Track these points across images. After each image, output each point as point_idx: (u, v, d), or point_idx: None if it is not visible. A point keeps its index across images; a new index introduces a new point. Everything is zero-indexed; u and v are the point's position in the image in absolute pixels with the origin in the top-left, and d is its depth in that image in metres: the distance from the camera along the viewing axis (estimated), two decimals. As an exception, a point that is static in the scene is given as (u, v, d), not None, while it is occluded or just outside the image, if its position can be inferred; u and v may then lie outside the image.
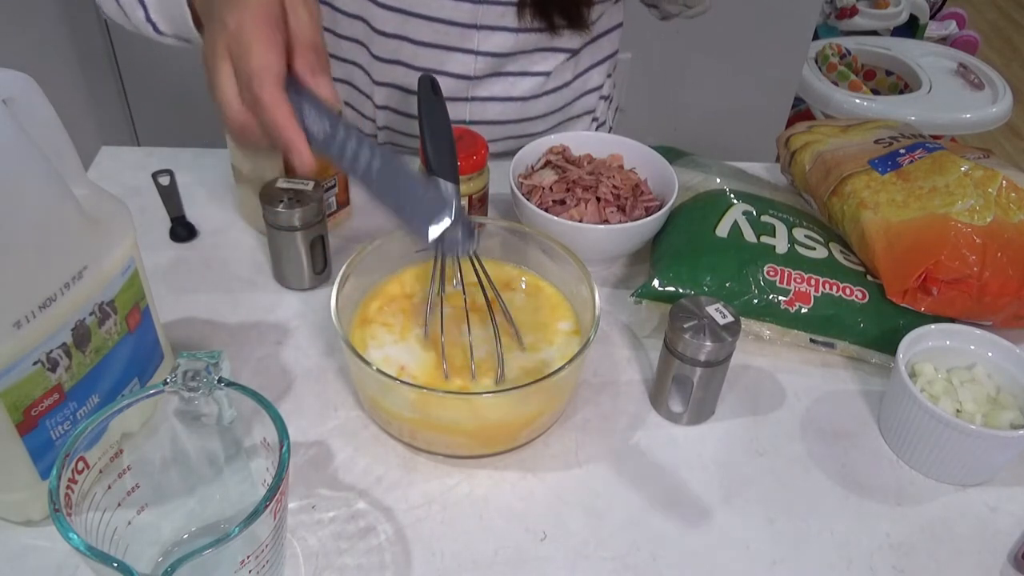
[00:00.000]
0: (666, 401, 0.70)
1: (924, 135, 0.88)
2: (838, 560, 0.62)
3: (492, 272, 0.72)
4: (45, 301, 0.52)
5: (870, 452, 0.70)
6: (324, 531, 0.61)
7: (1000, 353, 0.70)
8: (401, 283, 0.75)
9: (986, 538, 0.64)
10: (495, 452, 0.67)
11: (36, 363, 0.52)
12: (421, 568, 0.59)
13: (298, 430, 0.68)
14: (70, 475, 0.47)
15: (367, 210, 0.91)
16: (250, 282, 0.82)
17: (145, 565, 0.55)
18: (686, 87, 1.64)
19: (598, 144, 0.90)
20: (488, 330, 0.70)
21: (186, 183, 0.90)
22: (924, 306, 0.74)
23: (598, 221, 0.81)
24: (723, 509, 0.64)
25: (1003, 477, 0.68)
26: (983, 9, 3.62)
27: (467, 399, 0.64)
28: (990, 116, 1.99)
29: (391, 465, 0.66)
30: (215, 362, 0.52)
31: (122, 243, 0.58)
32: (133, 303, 0.60)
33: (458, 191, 0.73)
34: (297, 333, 0.76)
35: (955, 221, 0.73)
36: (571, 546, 0.61)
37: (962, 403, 0.68)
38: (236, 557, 0.48)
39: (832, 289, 0.75)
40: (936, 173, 0.78)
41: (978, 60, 2.16)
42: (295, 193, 0.76)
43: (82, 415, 0.57)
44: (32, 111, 0.51)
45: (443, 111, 0.77)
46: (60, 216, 0.52)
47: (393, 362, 0.68)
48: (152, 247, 0.84)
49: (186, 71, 1.68)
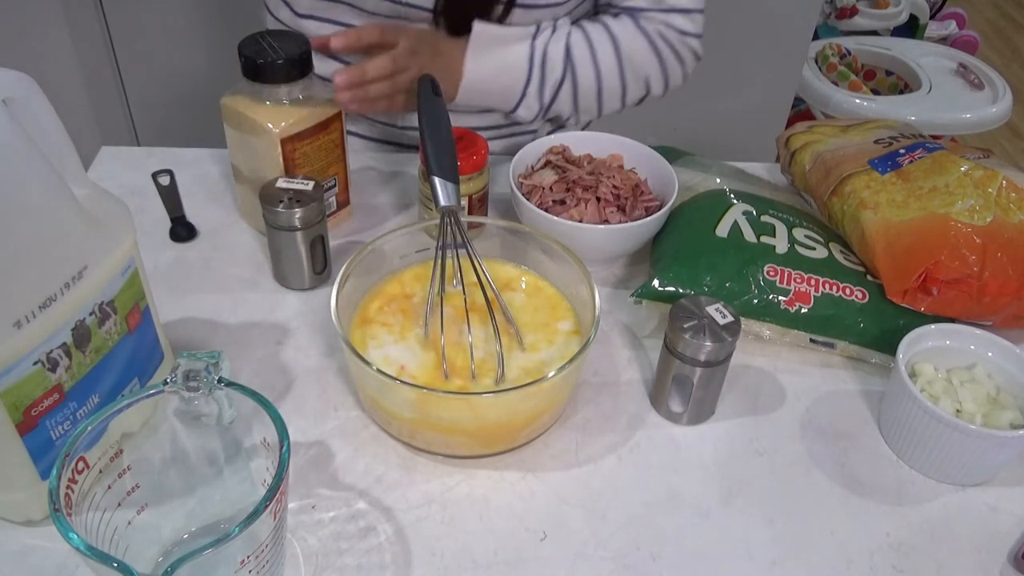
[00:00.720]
0: (666, 401, 0.70)
1: (924, 135, 0.88)
2: (838, 560, 0.62)
3: (492, 272, 0.72)
4: (45, 301, 0.52)
5: (870, 452, 0.70)
6: (324, 531, 0.61)
7: (1000, 353, 0.70)
8: (401, 283, 0.75)
9: (986, 538, 0.64)
10: (495, 452, 0.67)
11: (36, 363, 0.52)
12: (421, 568, 0.59)
13: (298, 430, 0.68)
14: (70, 475, 0.47)
15: (367, 210, 0.91)
16: (250, 282, 0.82)
17: (145, 565, 0.55)
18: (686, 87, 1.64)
19: (598, 144, 0.90)
20: (488, 330, 0.70)
21: (186, 183, 0.90)
22: (924, 306, 0.74)
23: (598, 221, 0.81)
24: (723, 509, 0.64)
25: (1003, 477, 0.68)
26: (983, 9, 3.62)
27: (467, 399, 0.64)
28: (990, 116, 1.99)
29: (391, 465, 0.66)
30: (215, 362, 0.52)
31: (122, 243, 0.58)
32: (133, 303, 0.60)
33: (458, 191, 0.73)
34: (297, 333, 0.76)
35: (955, 221, 0.73)
36: (571, 546, 0.61)
37: (962, 403, 0.68)
38: (236, 557, 0.48)
39: (832, 289, 0.75)
40: (936, 173, 0.78)
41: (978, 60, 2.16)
42: (295, 193, 0.76)
43: (82, 415, 0.57)
44: (32, 111, 0.51)
45: (443, 111, 0.77)
46: (60, 216, 0.52)
47: (393, 362, 0.68)
48: (152, 247, 0.84)
49: (186, 71, 1.69)
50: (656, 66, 0.93)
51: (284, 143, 0.78)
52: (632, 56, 0.91)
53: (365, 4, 0.88)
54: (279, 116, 0.77)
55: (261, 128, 0.77)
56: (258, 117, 0.77)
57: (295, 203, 0.75)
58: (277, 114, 0.78)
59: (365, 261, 0.72)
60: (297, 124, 0.78)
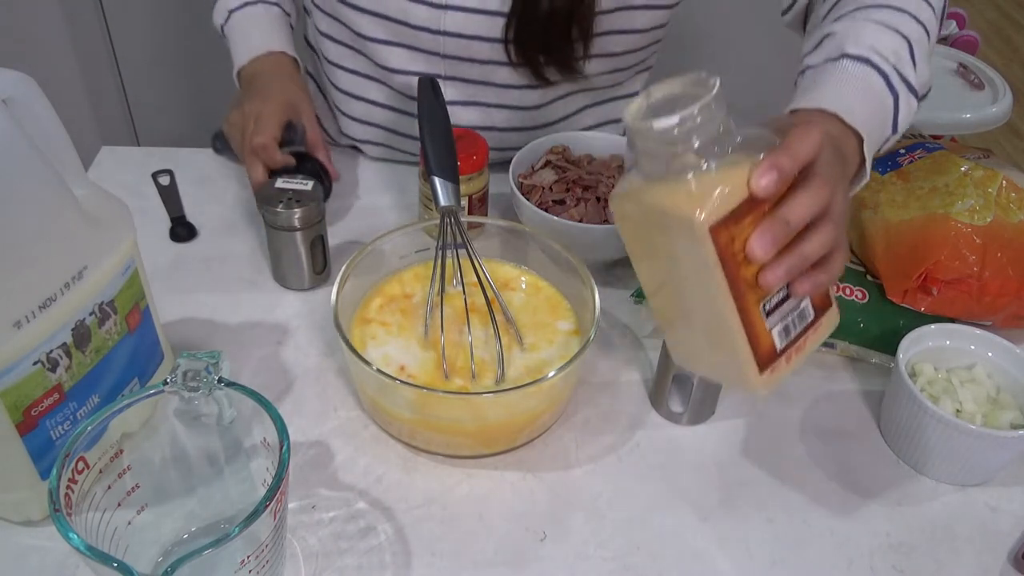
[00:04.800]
0: (666, 401, 0.70)
1: (924, 135, 0.88)
2: (838, 560, 0.62)
3: (492, 272, 0.72)
4: (45, 301, 0.52)
5: (870, 452, 0.70)
6: (324, 531, 0.61)
7: (1000, 353, 0.70)
8: (401, 283, 0.75)
9: (986, 538, 0.64)
10: (495, 452, 0.67)
11: (36, 363, 0.52)
12: (421, 568, 0.59)
13: (298, 430, 0.68)
14: (70, 475, 0.47)
15: (367, 210, 0.91)
16: (250, 282, 0.82)
17: (145, 565, 0.55)
18: (686, 87, 1.65)
19: (598, 144, 0.90)
20: (488, 330, 0.70)
21: (186, 183, 0.90)
22: (924, 306, 0.74)
23: (598, 221, 0.81)
24: (723, 509, 0.64)
25: (1003, 477, 0.68)
26: (983, 9, 3.62)
27: (467, 399, 0.64)
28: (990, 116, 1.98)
29: (391, 465, 0.66)
30: (215, 362, 0.52)
31: (122, 243, 0.58)
32: (133, 303, 0.60)
33: (458, 191, 0.73)
34: (297, 333, 0.76)
35: (955, 221, 0.73)
36: (571, 546, 0.61)
37: (962, 403, 0.67)
38: (236, 557, 0.48)
39: (832, 289, 0.75)
40: (936, 173, 0.78)
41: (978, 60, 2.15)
42: (295, 193, 0.76)
43: (82, 415, 0.57)
44: (32, 111, 0.51)
45: (443, 112, 0.77)
46: (60, 216, 0.52)
47: (393, 362, 0.68)
48: (152, 247, 0.84)
49: (186, 72, 1.69)
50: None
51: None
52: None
53: (420, 43, 0.87)
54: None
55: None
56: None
57: (295, 203, 0.75)
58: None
59: (365, 261, 0.72)
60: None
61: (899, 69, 0.65)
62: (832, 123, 0.59)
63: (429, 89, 0.78)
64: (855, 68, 0.63)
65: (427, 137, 0.75)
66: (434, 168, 0.73)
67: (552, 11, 0.80)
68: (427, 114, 0.76)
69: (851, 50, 0.64)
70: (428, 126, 0.76)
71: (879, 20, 0.67)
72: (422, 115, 0.77)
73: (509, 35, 0.83)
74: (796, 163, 0.49)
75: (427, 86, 0.78)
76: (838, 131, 0.59)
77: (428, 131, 0.75)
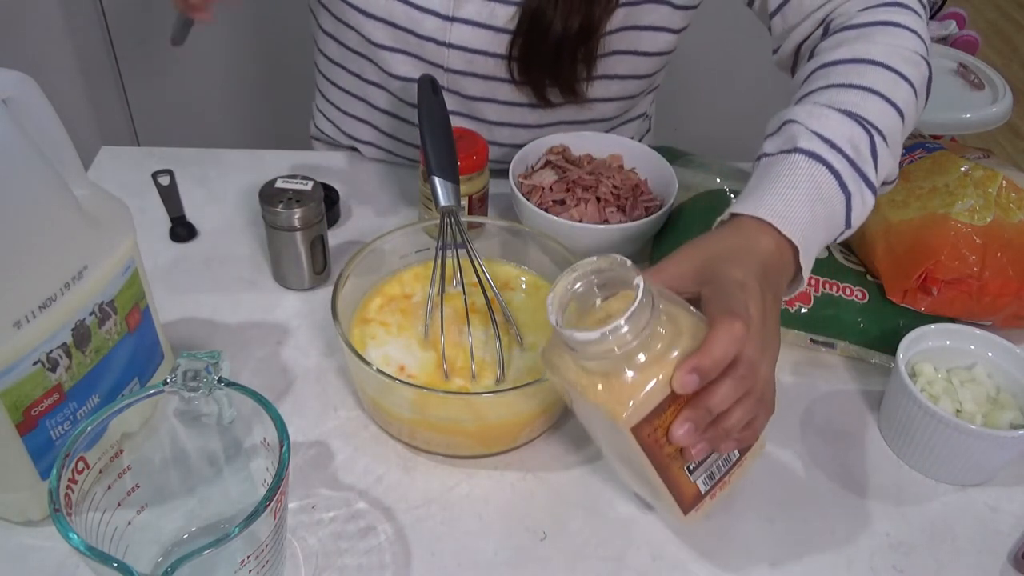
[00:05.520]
0: (666, 401, 0.70)
1: (924, 135, 0.88)
2: (838, 560, 0.62)
3: (492, 272, 0.72)
4: (45, 301, 0.52)
5: (870, 452, 0.70)
6: (324, 531, 0.61)
7: (1000, 353, 0.70)
8: (401, 283, 0.75)
9: (986, 538, 0.64)
10: (495, 452, 0.67)
11: (36, 363, 0.52)
12: (421, 568, 0.59)
13: (298, 430, 0.68)
14: (70, 475, 0.47)
15: (367, 210, 0.91)
16: (250, 282, 0.82)
17: (145, 565, 0.55)
18: (686, 87, 1.64)
19: (598, 144, 0.90)
20: (488, 330, 0.70)
21: (186, 183, 0.90)
22: (924, 306, 0.74)
23: (598, 221, 0.81)
24: (723, 509, 0.64)
25: (1003, 477, 0.68)
26: (983, 9, 3.62)
27: (467, 399, 0.64)
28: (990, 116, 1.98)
29: (391, 465, 0.66)
30: (215, 362, 0.52)
31: (122, 243, 0.58)
32: (133, 303, 0.60)
33: (458, 191, 0.73)
34: (297, 333, 0.76)
35: (955, 221, 0.73)
36: (571, 546, 0.61)
37: (962, 403, 0.68)
38: (236, 557, 0.48)
39: (832, 289, 0.75)
40: (936, 173, 0.78)
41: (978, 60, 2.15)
42: (295, 193, 0.76)
43: (82, 415, 0.57)
44: (32, 111, 0.51)
45: (443, 111, 0.77)
46: (60, 216, 0.52)
47: (393, 362, 0.68)
48: (152, 247, 0.84)
49: (186, 72, 1.69)
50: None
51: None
52: (887, 52, 0.69)
53: (425, 53, 0.87)
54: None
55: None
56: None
57: (295, 203, 0.75)
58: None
59: (365, 261, 0.72)
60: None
61: (857, 165, 0.63)
62: (768, 234, 0.59)
63: (429, 88, 0.78)
64: (807, 165, 0.61)
65: (427, 136, 0.75)
66: (434, 168, 0.73)
67: (559, 31, 0.80)
68: (427, 113, 0.76)
69: (804, 145, 0.62)
70: (428, 125, 0.76)
71: (845, 107, 0.65)
72: (422, 114, 0.77)
73: (513, 52, 0.83)
74: (717, 366, 0.51)
75: (427, 85, 0.78)
76: (774, 244, 0.58)
77: (428, 130, 0.75)
